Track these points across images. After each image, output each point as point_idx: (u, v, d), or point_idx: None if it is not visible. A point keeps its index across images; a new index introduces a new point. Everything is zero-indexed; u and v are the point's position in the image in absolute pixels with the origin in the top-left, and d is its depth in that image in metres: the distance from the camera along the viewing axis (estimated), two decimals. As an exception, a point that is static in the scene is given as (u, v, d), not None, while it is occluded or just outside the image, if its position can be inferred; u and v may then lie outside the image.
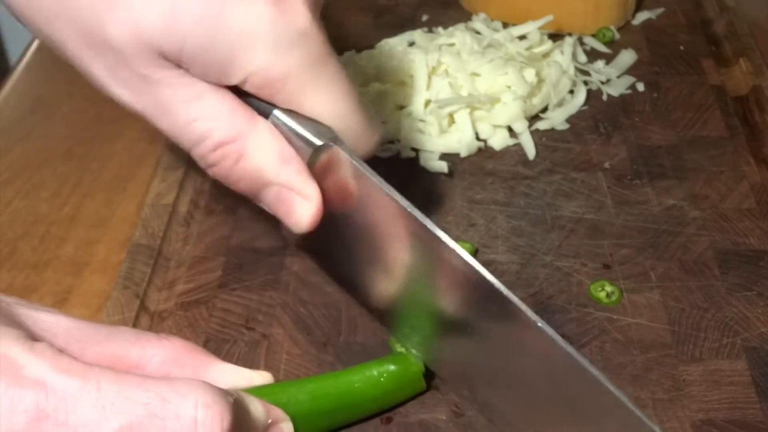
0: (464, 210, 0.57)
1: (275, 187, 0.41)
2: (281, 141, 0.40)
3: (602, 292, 0.50)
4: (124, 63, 0.38)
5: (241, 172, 0.41)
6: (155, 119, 0.40)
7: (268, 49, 0.38)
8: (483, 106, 0.61)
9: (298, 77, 0.39)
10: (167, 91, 0.39)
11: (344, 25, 0.74)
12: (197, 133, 0.40)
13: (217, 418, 0.33)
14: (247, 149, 0.40)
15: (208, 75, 0.39)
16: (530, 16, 0.68)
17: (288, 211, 0.42)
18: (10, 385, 0.31)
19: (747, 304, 0.50)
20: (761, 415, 0.44)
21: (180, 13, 0.37)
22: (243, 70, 0.39)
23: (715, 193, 0.57)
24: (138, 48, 0.38)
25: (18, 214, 0.58)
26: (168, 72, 0.39)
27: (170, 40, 0.37)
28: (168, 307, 0.51)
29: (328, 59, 0.40)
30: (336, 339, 0.49)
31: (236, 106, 0.40)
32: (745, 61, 0.66)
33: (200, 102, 0.39)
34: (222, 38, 0.38)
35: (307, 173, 0.41)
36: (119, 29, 0.37)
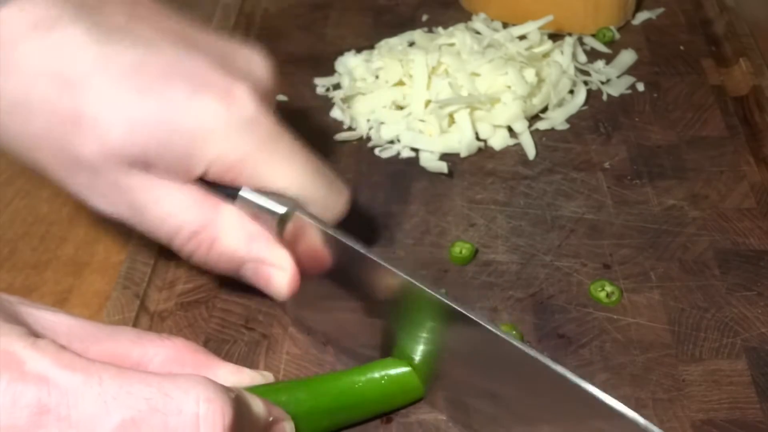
0: (464, 210, 0.57)
1: (250, 263, 0.45)
2: (247, 220, 0.44)
3: (602, 292, 0.50)
4: (98, 177, 0.42)
5: (217, 255, 0.45)
6: (133, 221, 0.44)
7: (221, 138, 0.42)
8: (483, 106, 0.61)
9: (254, 158, 0.43)
10: (139, 195, 0.43)
11: (344, 25, 0.74)
12: (171, 227, 0.44)
13: (219, 413, 0.33)
14: (217, 234, 0.44)
15: (172, 173, 0.43)
16: (530, 16, 0.68)
17: (266, 283, 0.45)
18: (13, 380, 0.31)
19: (747, 304, 0.50)
20: (761, 415, 0.44)
21: (138, 123, 0.41)
22: (202, 162, 0.42)
23: (715, 193, 0.57)
24: (107, 161, 0.41)
25: (18, 214, 0.58)
26: (137, 178, 0.42)
27: (134, 149, 0.41)
28: (168, 307, 0.51)
29: (279, 137, 0.44)
30: (336, 339, 0.49)
31: (201, 197, 0.44)
32: (745, 61, 0.66)
33: (169, 199, 0.43)
34: (179, 137, 0.42)
35: (276, 244, 0.44)
36: (88, 148, 0.41)
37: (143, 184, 0.43)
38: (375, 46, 0.69)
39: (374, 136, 0.62)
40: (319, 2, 0.77)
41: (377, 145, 0.62)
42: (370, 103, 0.63)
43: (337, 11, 0.76)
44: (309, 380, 0.44)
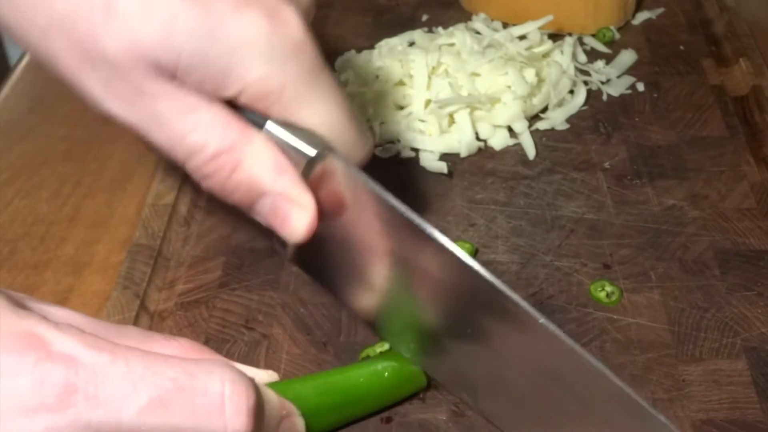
0: (464, 210, 0.57)
1: (270, 197, 0.41)
2: (276, 152, 0.41)
3: (602, 292, 0.50)
4: (120, 76, 0.38)
5: (236, 183, 0.41)
6: (150, 132, 0.40)
7: (264, 61, 0.39)
8: (483, 106, 0.61)
9: (293, 89, 0.40)
10: (162, 103, 0.39)
11: (344, 25, 0.74)
12: (192, 144, 0.40)
13: (244, 394, 0.33)
14: (242, 160, 0.40)
15: (203, 87, 0.39)
16: (530, 16, 0.68)
17: (283, 221, 0.42)
18: (40, 360, 0.31)
19: (747, 304, 0.50)
20: (761, 415, 0.44)
21: (176, 25, 0.37)
22: (239, 82, 0.39)
23: (715, 193, 0.57)
24: (134, 60, 0.38)
25: (18, 214, 0.58)
26: (163, 84, 0.39)
27: (167, 53, 0.38)
28: (168, 307, 0.51)
29: (322, 70, 0.41)
30: (336, 339, 0.49)
31: (231, 117, 0.40)
32: (745, 61, 0.66)
33: (195, 114, 0.39)
34: (218, 50, 0.38)
35: (302, 183, 0.41)
36: (116, 42, 0.37)
37: (169, 92, 0.39)
38: (375, 46, 0.69)
39: (374, 136, 0.62)
40: (319, 2, 0.77)
41: (377, 145, 0.62)
42: (370, 103, 0.63)
43: (337, 11, 0.76)
44: (313, 377, 0.44)
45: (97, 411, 0.31)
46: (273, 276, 0.52)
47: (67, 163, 0.62)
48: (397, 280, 0.44)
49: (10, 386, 0.31)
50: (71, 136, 0.65)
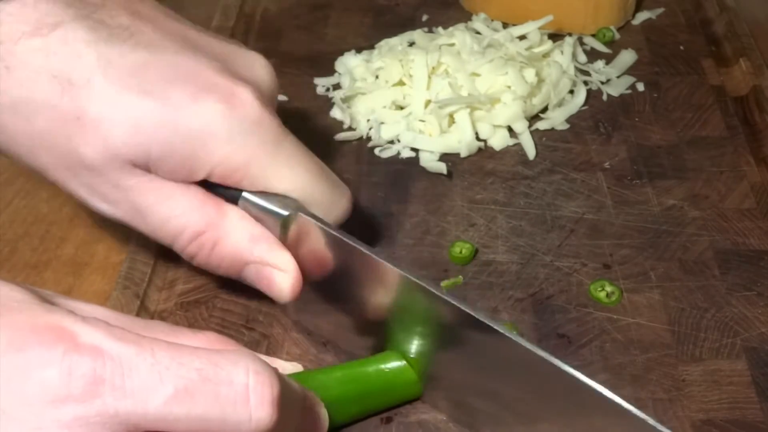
0: (464, 210, 0.57)
1: (252, 265, 0.44)
2: (250, 222, 0.44)
3: (602, 292, 0.50)
4: (99, 178, 0.42)
5: (219, 257, 0.44)
6: (134, 223, 0.44)
7: (225, 141, 0.42)
8: (483, 106, 0.61)
9: (258, 162, 0.43)
10: (141, 196, 0.43)
11: (344, 25, 0.74)
12: (173, 229, 0.43)
13: (268, 384, 0.34)
14: (220, 236, 0.44)
15: (175, 175, 0.42)
16: (530, 16, 0.68)
17: (269, 285, 0.45)
18: (68, 351, 0.32)
19: (747, 304, 0.50)
20: (761, 415, 0.44)
21: (141, 124, 0.41)
22: (206, 165, 0.42)
23: (715, 193, 0.57)
24: (109, 162, 0.41)
25: (18, 214, 0.58)
26: (139, 179, 0.42)
27: (136, 150, 0.41)
28: (168, 307, 0.51)
29: (283, 139, 0.44)
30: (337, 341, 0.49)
31: (205, 198, 0.43)
32: (745, 61, 0.66)
33: (171, 201, 0.43)
34: (182, 139, 0.41)
35: (279, 246, 0.44)
36: (91, 149, 0.41)
37: (145, 185, 0.42)
38: (375, 46, 0.69)
39: (374, 136, 0.62)
40: (319, 2, 0.77)
41: (377, 145, 0.62)
42: (370, 103, 0.63)
43: (337, 11, 0.76)
44: (336, 368, 0.44)
45: (123, 401, 0.32)
46: (273, 276, 0.52)
47: (67, 163, 0.62)
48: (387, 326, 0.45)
49: (39, 377, 0.31)
50: (71, 136, 0.65)
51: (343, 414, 0.42)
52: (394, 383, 0.44)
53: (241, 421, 0.33)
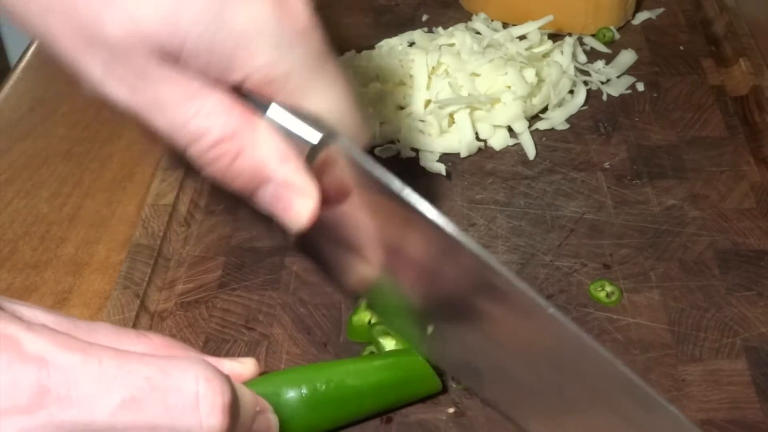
0: (464, 210, 0.57)
1: (273, 184, 0.40)
2: (279, 139, 0.40)
3: (602, 292, 0.50)
4: (122, 59, 0.37)
5: (239, 170, 0.40)
6: (152, 117, 0.39)
7: (270, 47, 0.38)
8: (483, 106, 0.61)
9: (299, 76, 0.39)
10: (165, 88, 0.38)
11: (344, 25, 0.74)
12: (194, 131, 0.39)
13: (218, 391, 0.33)
14: (244, 147, 0.40)
15: (207, 72, 0.38)
16: (530, 16, 0.68)
17: (286, 209, 0.41)
18: (12, 362, 0.31)
19: (747, 304, 0.50)
20: (761, 415, 0.44)
21: (181, 10, 0.36)
22: (244, 68, 0.38)
23: (715, 193, 0.57)
24: (137, 44, 0.37)
25: (18, 214, 0.58)
26: (166, 69, 0.38)
27: (171, 38, 0.37)
28: (168, 307, 0.51)
29: (327, 58, 0.40)
30: (336, 339, 0.49)
31: (234, 103, 0.39)
32: (745, 61, 0.66)
33: (198, 99, 0.38)
34: (224, 36, 0.37)
35: (305, 170, 0.40)
36: (118, 25, 0.36)
37: (172, 77, 0.38)
38: (375, 46, 0.69)
39: (374, 136, 0.62)
40: (319, 2, 0.77)
41: (377, 145, 0.62)
42: (370, 103, 0.63)
43: (337, 11, 0.76)
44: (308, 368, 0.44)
45: (69, 411, 0.31)
46: (273, 276, 0.52)
47: (67, 163, 0.62)
48: (399, 265, 0.43)
49: None
50: (71, 136, 0.65)
51: (342, 412, 0.43)
52: (410, 378, 0.44)
53: (191, 428, 0.32)
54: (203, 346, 0.48)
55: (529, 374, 0.41)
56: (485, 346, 0.42)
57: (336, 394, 0.42)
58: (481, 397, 0.45)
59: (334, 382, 0.42)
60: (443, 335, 0.44)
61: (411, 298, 0.44)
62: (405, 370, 0.44)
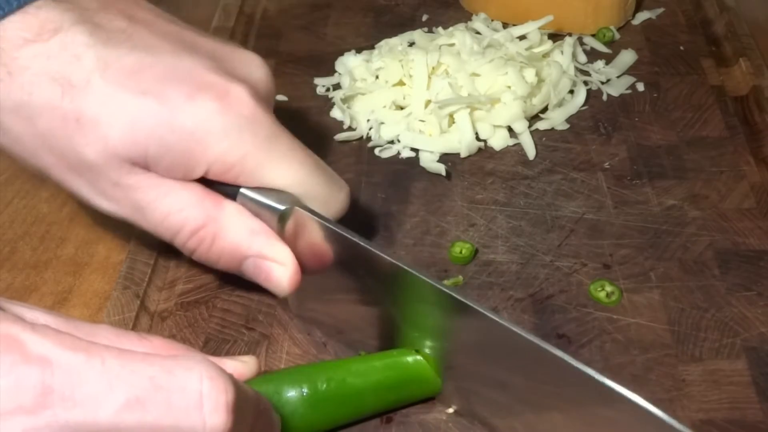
0: (464, 210, 0.57)
1: (251, 258, 0.45)
2: (249, 216, 0.45)
3: (602, 292, 0.50)
4: (101, 176, 0.43)
5: (218, 251, 0.45)
6: (135, 220, 0.45)
7: (221, 138, 0.43)
8: (483, 106, 0.61)
9: (253, 158, 0.43)
10: (140, 193, 0.43)
11: (344, 25, 0.74)
12: (173, 224, 0.44)
13: (222, 390, 0.33)
14: (219, 231, 0.44)
15: (173, 172, 0.43)
16: (530, 16, 0.68)
17: (267, 278, 0.45)
18: (16, 363, 0.31)
19: (747, 304, 0.50)
20: (761, 415, 0.44)
21: (138, 124, 0.42)
22: (203, 162, 0.43)
23: (715, 193, 0.57)
24: (109, 161, 0.42)
25: (18, 214, 0.58)
26: (138, 177, 0.43)
27: (134, 149, 0.42)
28: (168, 307, 0.51)
29: (278, 136, 0.44)
30: (336, 339, 0.49)
31: (203, 194, 0.44)
32: (745, 61, 0.66)
33: (171, 197, 0.44)
34: (178, 137, 0.42)
35: (277, 240, 0.45)
36: (91, 149, 0.42)
37: (145, 182, 0.43)
38: (375, 46, 0.69)
39: (374, 136, 0.62)
40: (319, 2, 0.77)
41: (377, 145, 0.62)
42: (370, 103, 0.63)
43: (337, 11, 0.76)
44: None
45: (73, 411, 0.31)
46: (273, 276, 0.52)
47: (67, 163, 0.62)
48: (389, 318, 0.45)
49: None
50: (71, 136, 0.65)
51: (357, 407, 0.43)
52: (411, 378, 0.44)
53: (195, 428, 0.33)
54: (203, 346, 0.48)
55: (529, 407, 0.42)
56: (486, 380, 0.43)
57: (337, 393, 0.43)
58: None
59: (335, 381, 0.43)
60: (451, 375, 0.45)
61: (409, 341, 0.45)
62: (405, 370, 0.44)
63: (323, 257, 0.45)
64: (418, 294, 0.42)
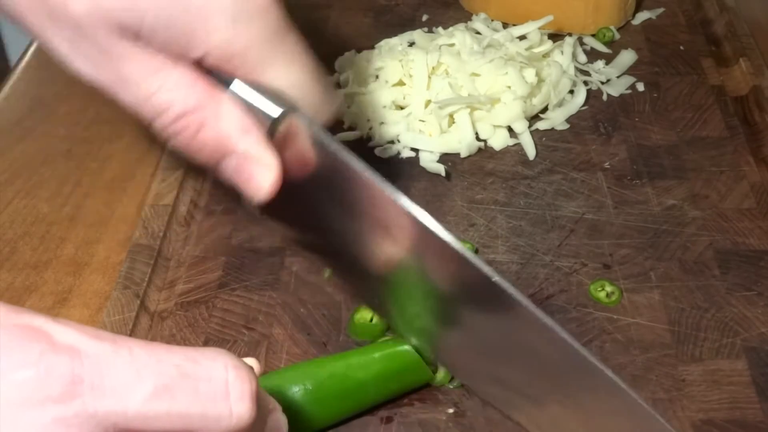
0: (464, 210, 0.57)
1: (235, 156, 0.42)
2: (241, 112, 0.41)
3: (602, 292, 0.50)
4: (85, 36, 0.38)
5: (202, 141, 0.41)
6: (116, 92, 0.40)
7: (229, 23, 0.39)
8: (483, 106, 0.61)
9: (258, 50, 0.40)
10: (127, 64, 0.39)
11: (344, 25, 0.74)
12: (158, 104, 0.40)
13: (246, 379, 0.33)
14: (207, 119, 0.41)
15: (168, 49, 0.39)
16: (530, 16, 0.68)
17: (247, 180, 0.42)
18: (45, 352, 0.31)
19: (747, 304, 0.50)
20: (761, 415, 0.44)
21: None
22: (204, 44, 0.39)
23: (715, 193, 0.57)
24: (98, 21, 0.38)
25: (18, 214, 0.58)
26: (128, 45, 0.39)
27: (130, 15, 0.38)
28: (168, 307, 0.51)
29: (287, 32, 0.41)
30: (336, 339, 0.49)
31: (197, 78, 0.40)
32: (745, 61, 0.66)
33: (161, 74, 0.40)
34: (182, 13, 0.38)
35: (266, 142, 0.42)
36: (79, 2, 0.38)
37: (134, 53, 0.39)
38: (375, 46, 0.69)
39: (374, 136, 0.62)
40: (319, 2, 0.77)
41: (377, 145, 0.62)
42: (370, 103, 0.63)
43: (337, 11, 0.76)
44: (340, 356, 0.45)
45: (103, 401, 0.31)
46: (273, 276, 0.52)
47: (67, 163, 0.62)
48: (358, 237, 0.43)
49: (16, 379, 0.30)
50: (71, 136, 0.65)
51: (361, 400, 0.43)
52: (391, 374, 0.44)
53: (221, 416, 0.33)
54: (203, 346, 0.48)
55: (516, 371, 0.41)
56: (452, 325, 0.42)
57: (341, 387, 0.43)
58: (479, 394, 0.45)
59: (338, 376, 0.43)
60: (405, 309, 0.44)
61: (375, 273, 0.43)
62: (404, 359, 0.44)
63: (307, 169, 0.43)
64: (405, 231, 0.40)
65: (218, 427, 0.33)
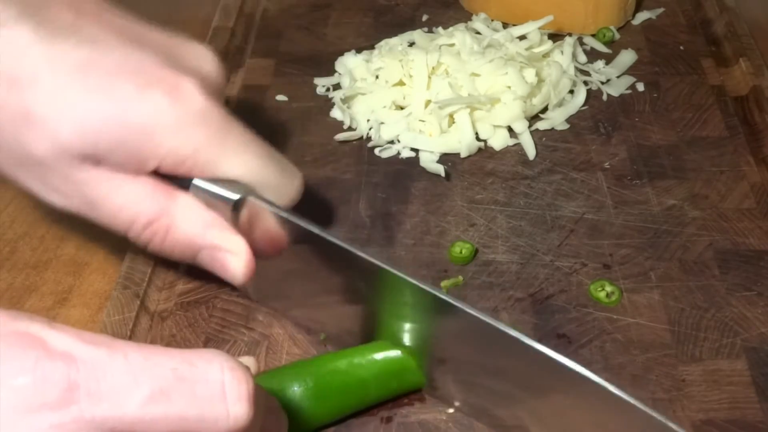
0: (464, 210, 0.57)
1: (206, 250, 0.45)
2: (201, 208, 0.45)
3: (602, 292, 0.50)
4: (51, 172, 0.43)
5: (172, 243, 0.45)
6: (88, 214, 0.44)
7: (172, 133, 0.42)
8: (483, 106, 0.61)
9: (206, 150, 0.43)
10: (92, 188, 0.43)
11: (344, 25, 0.74)
12: (126, 218, 0.44)
13: (243, 380, 0.33)
14: (172, 223, 0.44)
15: (125, 167, 0.43)
16: (530, 16, 0.68)
17: (222, 268, 0.45)
18: (40, 359, 0.31)
19: (747, 304, 0.50)
20: (761, 415, 0.44)
21: (87, 121, 0.41)
22: (155, 157, 0.43)
23: (715, 193, 0.57)
24: (58, 157, 0.42)
25: (18, 214, 0.58)
26: (89, 172, 0.43)
27: (84, 145, 0.42)
28: (168, 307, 0.51)
29: (229, 128, 0.44)
30: (336, 338, 0.49)
31: (155, 186, 0.44)
32: (745, 61, 0.66)
33: (122, 191, 0.43)
34: (129, 133, 0.42)
35: (231, 231, 0.45)
36: (40, 146, 0.42)
37: (96, 177, 0.43)
38: (375, 46, 0.69)
39: (374, 136, 0.62)
40: (319, 2, 0.77)
41: (377, 145, 0.62)
42: (370, 103, 0.63)
43: (337, 11, 0.76)
44: (328, 357, 0.45)
45: (100, 406, 0.31)
46: (273, 276, 0.52)
47: (67, 163, 0.62)
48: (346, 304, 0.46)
49: (13, 387, 0.31)
50: (71, 136, 0.65)
51: (362, 397, 0.43)
52: (391, 373, 0.44)
53: (218, 418, 0.33)
54: (203, 346, 0.48)
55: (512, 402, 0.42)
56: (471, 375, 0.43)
57: (342, 384, 0.43)
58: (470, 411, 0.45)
59: (339, 373, 0.43)
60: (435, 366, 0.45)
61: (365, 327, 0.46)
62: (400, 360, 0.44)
63: (277, 245, 0.46)
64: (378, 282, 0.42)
65: (216, 428, 0.33)
